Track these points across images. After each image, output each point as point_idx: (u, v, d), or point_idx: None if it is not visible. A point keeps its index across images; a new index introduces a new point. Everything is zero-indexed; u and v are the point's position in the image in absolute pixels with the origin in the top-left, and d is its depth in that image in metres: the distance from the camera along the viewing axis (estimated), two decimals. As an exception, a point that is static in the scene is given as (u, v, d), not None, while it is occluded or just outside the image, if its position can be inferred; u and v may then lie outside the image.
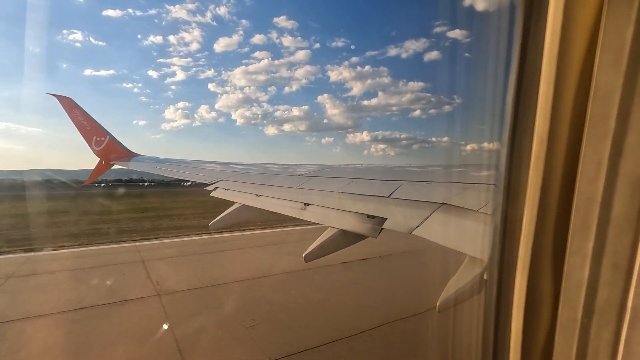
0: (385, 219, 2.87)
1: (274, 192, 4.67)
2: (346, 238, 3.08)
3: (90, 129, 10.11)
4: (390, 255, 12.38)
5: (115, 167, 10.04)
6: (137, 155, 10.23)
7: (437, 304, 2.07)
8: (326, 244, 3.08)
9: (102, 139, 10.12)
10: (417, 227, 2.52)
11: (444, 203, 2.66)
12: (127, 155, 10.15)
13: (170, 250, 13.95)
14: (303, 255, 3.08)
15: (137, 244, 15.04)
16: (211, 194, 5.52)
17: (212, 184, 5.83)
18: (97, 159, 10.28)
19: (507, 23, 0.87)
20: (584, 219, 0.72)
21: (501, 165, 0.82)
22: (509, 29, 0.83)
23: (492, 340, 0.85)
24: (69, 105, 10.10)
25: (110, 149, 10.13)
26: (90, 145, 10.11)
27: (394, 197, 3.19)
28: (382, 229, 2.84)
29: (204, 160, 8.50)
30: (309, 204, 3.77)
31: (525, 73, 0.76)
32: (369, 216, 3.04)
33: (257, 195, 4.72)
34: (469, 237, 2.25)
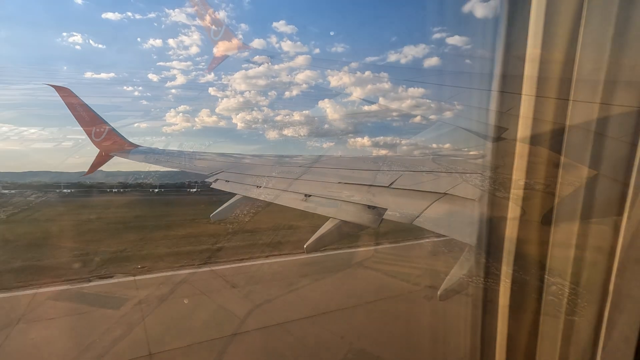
0: (386, 209, 2.90)
1: (274, 183, 4.70)
2: (347, 228, 3.11)
3: (89, 120, 10.02)
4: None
5: (119, 169, 9.94)
6: (137, 146, 10.18)
7: (438, 293, 2.09)
8: (327, 234, 3.10)
9: (102, 129, 10.05)
10: (418, 217, 2.55)
11: (445, 193, 2.68)
12: (127, 146, 10.09)
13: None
14: (304, 245, 3.12)
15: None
16: (211, 186, 5.54)
17: (212, 175, 5.84)
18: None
19: (494, 13, 0.89)
20: (568, 203, 0.76)
21: (489, 152, 0.86)
22: (495, 20, 0.85)
23: (480, 323, 0.90)
24: (67, 96, 9.99)
25: (110, 139, 10.06)
26: (89, 136, 10.02)
27: (394, 187, 3.21)
28: (383, 219, 2.88)
29: (203, 152, 8.48)
30: (309, 195, 3.80)
31: (510, 59, 0.79)
32: (369, 206, 3.06)
33: (257, 186, 4.75)
34: (469, 226, 2.28)
